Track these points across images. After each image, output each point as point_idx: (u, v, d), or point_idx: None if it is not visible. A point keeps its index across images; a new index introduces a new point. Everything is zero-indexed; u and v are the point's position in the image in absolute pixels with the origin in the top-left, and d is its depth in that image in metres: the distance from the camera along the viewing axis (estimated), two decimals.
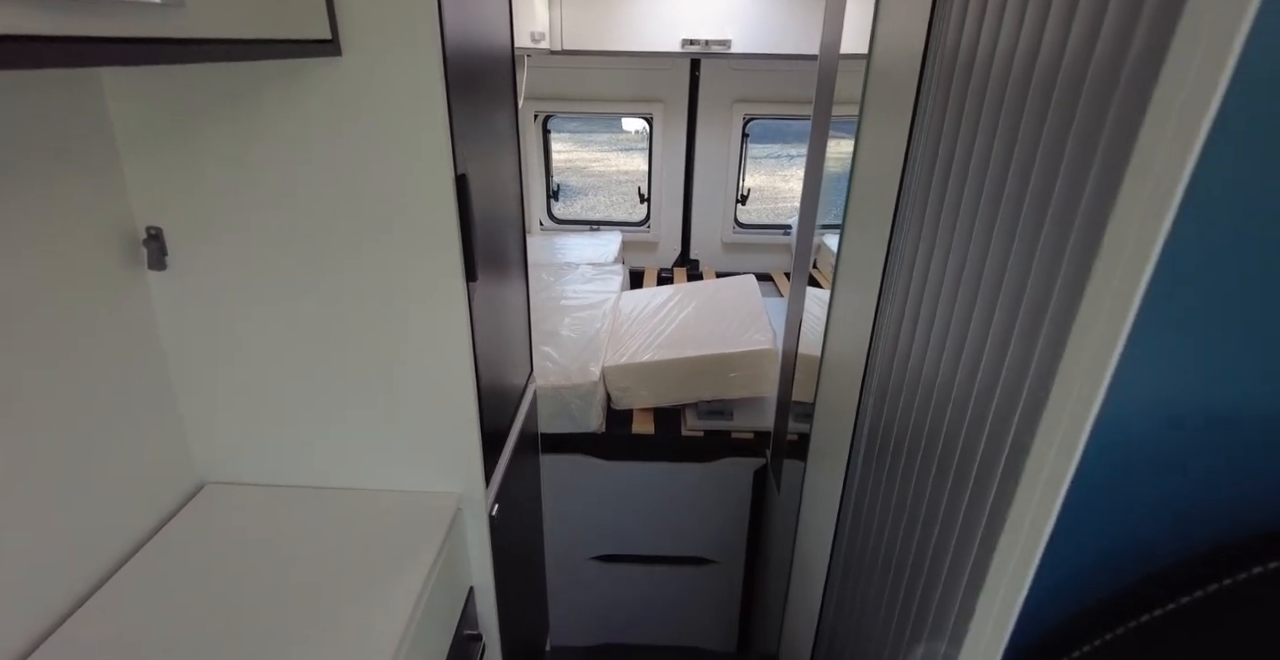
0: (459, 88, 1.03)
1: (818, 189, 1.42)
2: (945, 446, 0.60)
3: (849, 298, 1.08)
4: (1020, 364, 0.47)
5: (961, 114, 0.65)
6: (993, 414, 0.50)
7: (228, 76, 0.96)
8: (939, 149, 0.71)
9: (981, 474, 0.52)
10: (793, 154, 10.41)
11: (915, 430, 0.68)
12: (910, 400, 0.71)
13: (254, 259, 1.08)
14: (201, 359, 1.15)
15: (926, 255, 0.71)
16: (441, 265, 1.07)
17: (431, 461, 1.23)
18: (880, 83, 0.98)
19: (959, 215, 0.63)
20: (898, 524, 0.73)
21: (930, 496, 0.63)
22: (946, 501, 0.59)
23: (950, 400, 0.59)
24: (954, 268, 0.61)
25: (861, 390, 0.93)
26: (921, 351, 0.68)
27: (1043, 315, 0.44)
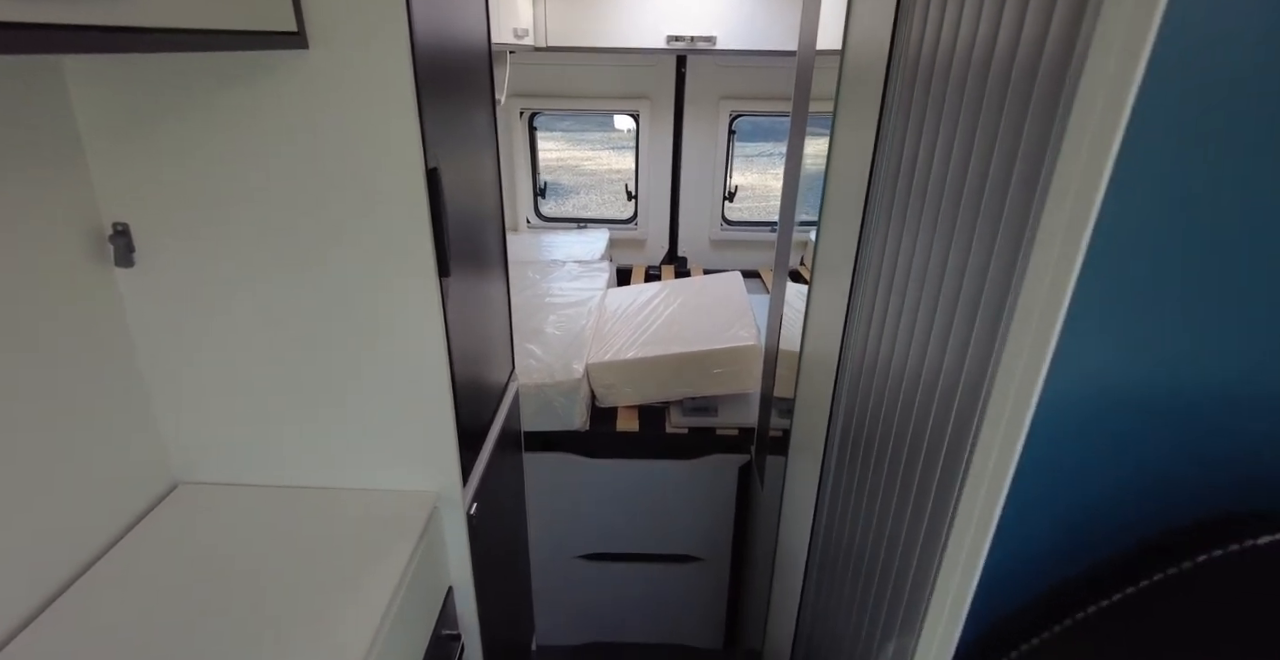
0: (430, 82, 1.02)
1: (796, 186, 1.42)
2: (909, 440, 0.59)
3: (825, 293, 1.08)
4: (967, 354, 0.46)
5: (923, 110, 0.65)
6: (946, 405, 0.50)
7: (195, 68, 0.95)
8: (903, 145, 0.71)
9: (936, 466, 0.51)
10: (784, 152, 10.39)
11: (882, 424, 0.68)
12: (876, 394, 0.71)
13: (224, 255, 1.06)
14: (173, 358, 1.14)
15: (892, 250, 0.71)
16: (414, 260, 1.06)
17: (407, 460, 1.22)
18: (852, 79, 0.98)
19: (919, 209, 0.63)
20: (868, 519, 0.73)
21: (897, 491, 0.63)
22: (911, 496, 0.58)
23: (911, 393, 0.58)
24: (917, 261, 0.61)
25: (835, 385, 0.93)
26: (888, 345, 0.68)
27: (991, 303, 0.43)
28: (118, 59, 0.95)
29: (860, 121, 0.92)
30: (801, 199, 1.57)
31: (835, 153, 1.09)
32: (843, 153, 1.03)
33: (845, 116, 1.03)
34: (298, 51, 0.93)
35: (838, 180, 1.06)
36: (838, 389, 0.92)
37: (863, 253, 0.82)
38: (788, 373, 1.47)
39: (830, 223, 1.09)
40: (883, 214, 0.76)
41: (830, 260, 1.06)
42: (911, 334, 0.57)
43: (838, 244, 1.00)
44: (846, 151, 0.99)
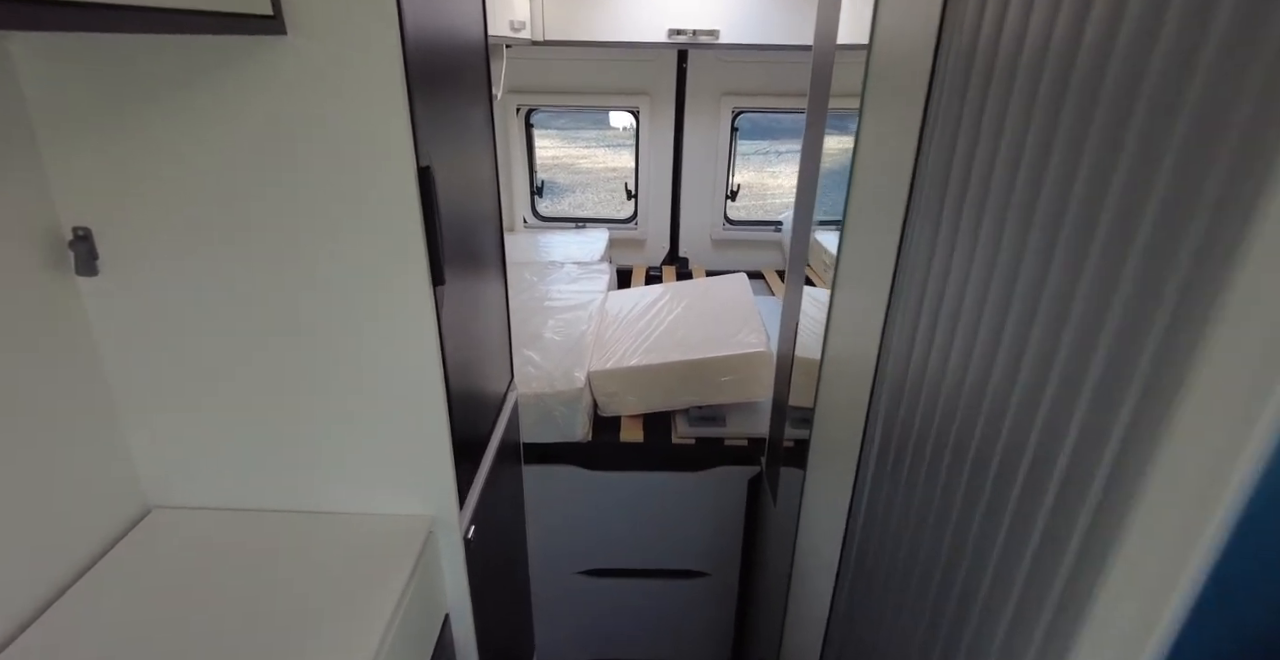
0: (422, 74, 0.93)
1: (814, 185, 1.34)
2: (1003, 461, 0.52)
3: (852, 298, 1.00)
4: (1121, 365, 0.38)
5: (983, 106, 0.58)
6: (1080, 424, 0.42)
7: (161, 55, 0.86)
8: (958, 143, 0.63)
9: (1067, 496, 0.44)
10: (781, 150, 10.35)
11: (954, 440, 0.61)
12: (943, 406, 0.63)
13: (198, 262, 0.97)
14: (143, 375, 1.05)
15: (950, 254, 0.63)
16: (405, 267, 0.97)
17: (400, 483, 1.14)
18: (883, 74, 0.91)
19: (992, 212, 0.55)
20: (934, 541, 0.65)
21: (982, 516, 0.55)
22: (1009, 525, 0.51)
23: (1007, 408, 0.51)
24: (1001, 267, 0.53)
25: (871, 395, 0.85)
26: (958, 355, 0.60)
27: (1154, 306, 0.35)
28: (72, 42, 0.85)
29: (895, 119, 0.85)
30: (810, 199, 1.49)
31: (862, 151, 1.01)
32: (872, 152, 0.95)
33: (874, 113, 0.95)
34: (275, 38, 0.84)
35: (866, 180, 0.98)
36: (875, 400, 0.85)
37: (905, 258, 0.74)
38: (805, 381, 1.39)
39: (858, 225, 1.01)
40: (931, 217, 0.68)
41: (858, 264, 0.98)
42: (1025, 346, 0.50)
43: (868, 247, 0.92)
44: (878, 150, 0.92)
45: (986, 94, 0.59)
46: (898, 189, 0.78)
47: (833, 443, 1.10)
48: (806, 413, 1.41)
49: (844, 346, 1.05)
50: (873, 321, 0.86)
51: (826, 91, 1.27)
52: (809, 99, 1.41)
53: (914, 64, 0.77)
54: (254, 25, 0.80)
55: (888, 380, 0.81)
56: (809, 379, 1.34)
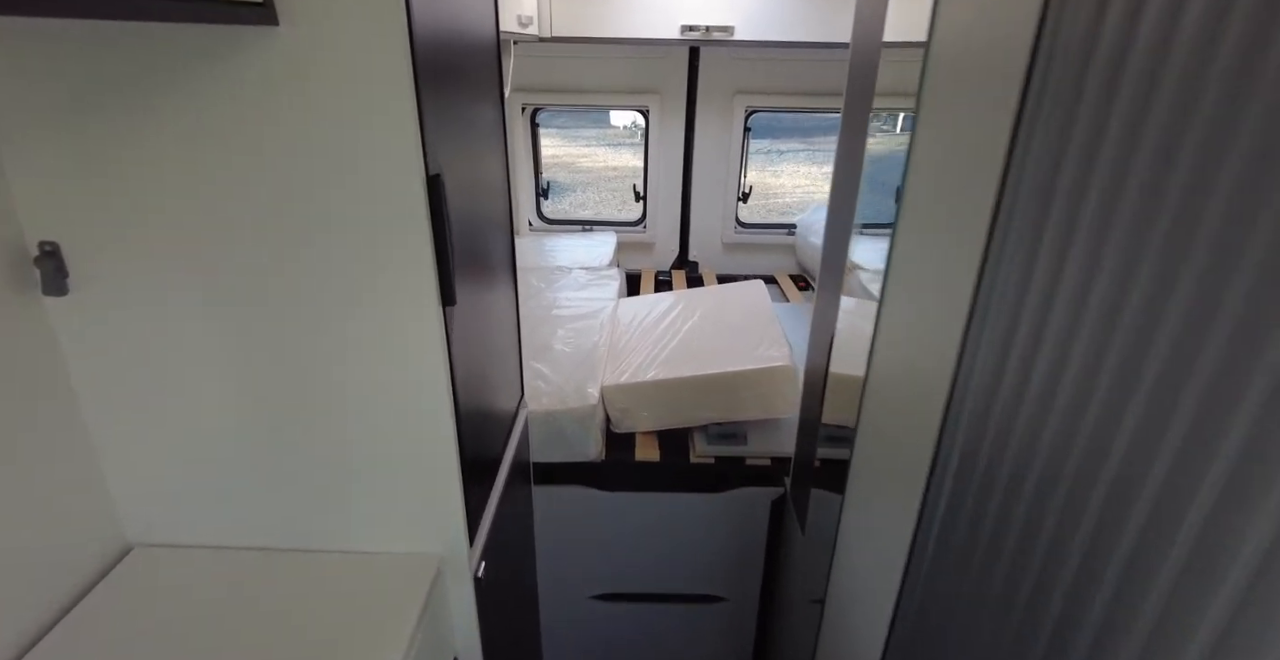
0: (432, 71, 0.83)
1: (854, 189, 1.24)
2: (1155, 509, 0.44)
3: (910, 310, 0.91)
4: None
5: (1109, 108, 0.50)
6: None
7: (137, 49, 0.76)
8: (1069, 149, 0.55)
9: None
10: (783, 150, 10.27)
11: (1078, 477, 0.52)
12: (1061, 437, 0.55)
13: (179, 280, 0.87)
14: (122, 401, 0.95)
15: (1061, 269, 0.55)
16: (412, 287, 0.87)
17: (405, 520, 1.04)
18: (950, 73, 0.82)
19: (1126, 227, 0.47)
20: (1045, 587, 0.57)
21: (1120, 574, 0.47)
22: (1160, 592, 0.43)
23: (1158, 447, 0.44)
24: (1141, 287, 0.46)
25: (945, 418, 0.77)
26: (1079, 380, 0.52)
27: None
28: (30, 33, 0.75)
29: (972, 121, 0.76)
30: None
31: (919, 154, 0.91)
32: (934, 154, 0.86)
33: (936, 114, 0.86)
34: (264, 29, 0.73)
35: (926, 184, 0.89)
36: (951, 423, 0.76)
37: (997, 269, 0.66)
38: (840, 398, 1.30)
39: (914, 231, 0.92)
40: (1030, 228, 0.59)
41: (919, 273, 0.88)
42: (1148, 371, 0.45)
43: (934, 256, 0.83)
44: (945, 152, 0.83)
45: (1113, 99, 0.50)
46: (979, 195, 0.69)
47: (885, 466, 1.00)
48: (842, 432, 1.31)
49: (899, 362, 0.96)
50: (945, 337, 0.77)
51: (869, 91, 1.17)
52: (845, 99, 1.32)
53: (999, 63, 0.68)
54: (239, 14, 0.70)
55: (972, 403, 0.73)
56: (846, 396, 1.24)
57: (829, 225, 1.42)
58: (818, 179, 9.02)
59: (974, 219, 0.70)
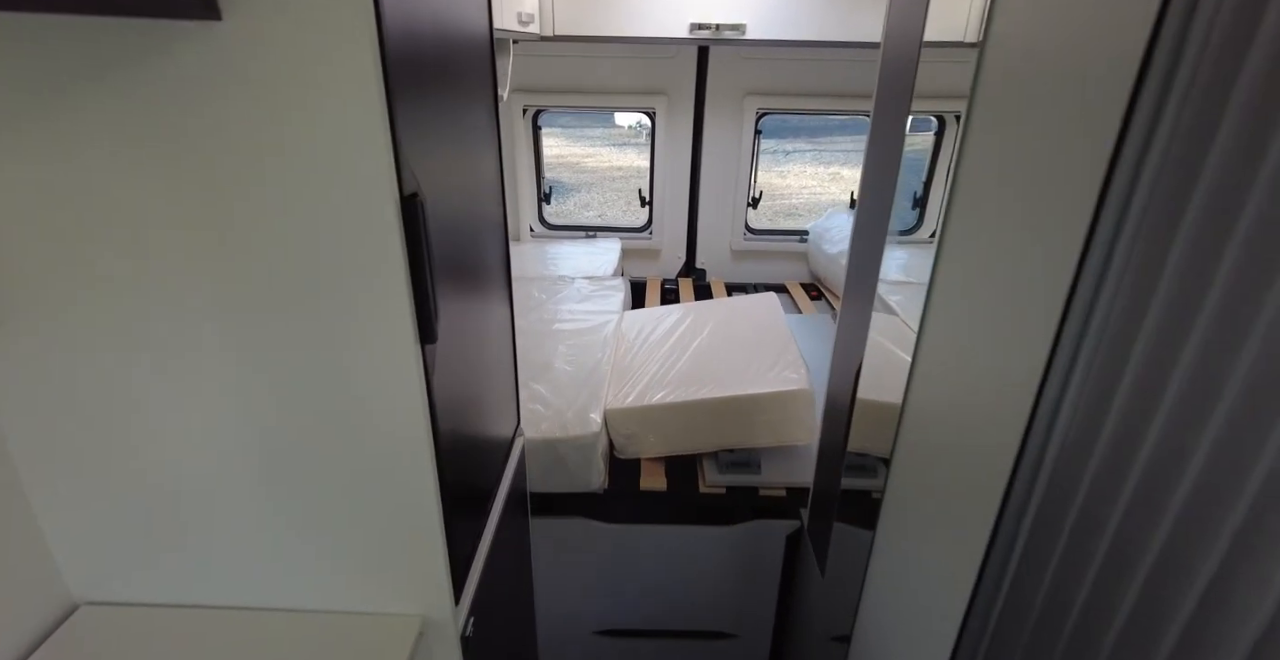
0: (409, 73, 0.71)
1: (889, 197, 1.13)
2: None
3: (966, 334, 0.80)
4: None
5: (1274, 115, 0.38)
6: None
7: (58, 47, 0.64)
8: (1204, 163, 0.43)
9: None
10: (789, 150, 10.16)
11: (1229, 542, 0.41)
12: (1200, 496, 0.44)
13: (115, 312, 0.76)
14: (58, 447, 0.85)
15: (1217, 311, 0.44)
16: (385, 323, 0.76)
17: (382, 577, 0.93)
18: (1022, 74, 0.73)
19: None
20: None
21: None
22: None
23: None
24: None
25: (1019, 460, 0.66)
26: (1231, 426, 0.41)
27: None
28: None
29: (1049, 127, 0.66)
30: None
31: (970, 160, 0.81)
32: (992, 161, 0.76)
33: (997, 118, 0.75)
34: (203, 24, 0.62)
35: (981, 193, 0.79)
36: (1024, 469, 0.66)
37: (1095, 299, 0.55)
38: (870, 426, 1.19)
39: (968, 246, 0.81)
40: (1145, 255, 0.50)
41: (976, 294, 0.78)
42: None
43: (999, 276, 0.73)
44: (1005, 161, 0.72)
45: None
46: (1069, 210, 0.58)
47: (933, 504, 0.90)
48: (863, 460, 1.20)
49: (951, 391, 0.85)
50: (1019, 368, 0.67)
51: (906, 93, 1.06)
52: (876, 101, 1.20)
53: (1093, 65, 0.57)
54: (174, 6, 0.58)
55: (1060, 450, 0.62)
56: (876, 424, 1.14)
57: (857, 235, 1.30)
58: (824, 180, 8.90)
59: (1061, 237, 0.59)
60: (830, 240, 2.80)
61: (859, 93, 2.76)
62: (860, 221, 1.30)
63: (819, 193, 8.19)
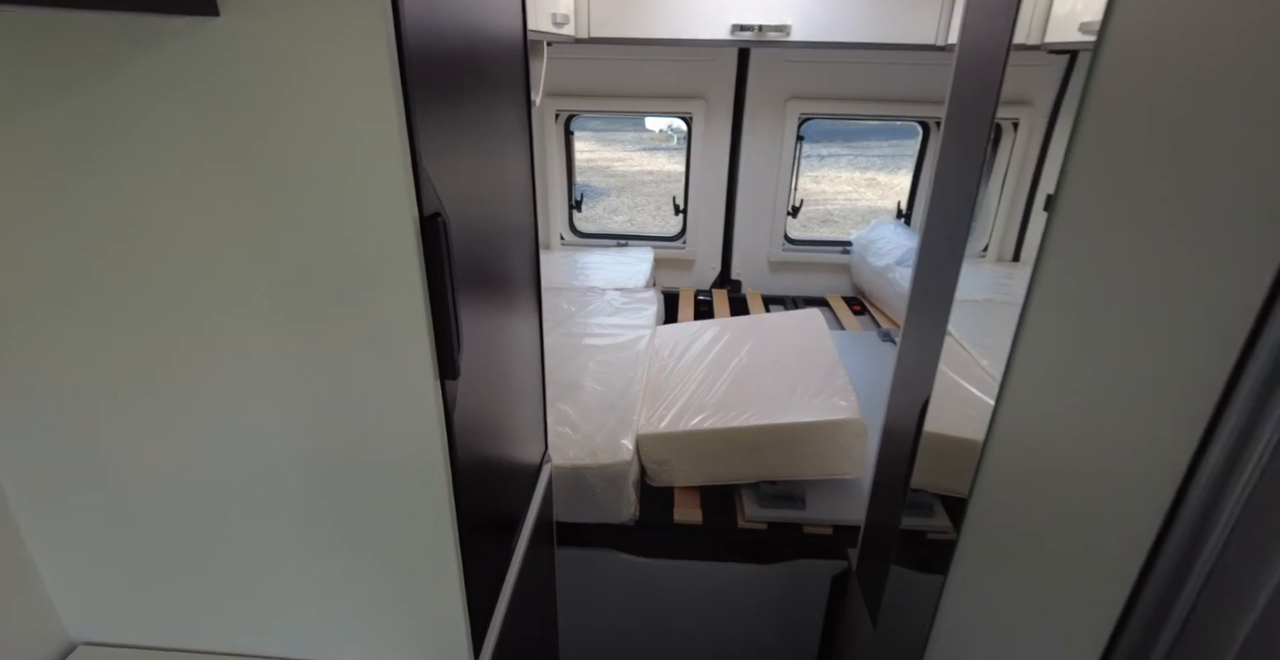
0: (434, 77, 0.62)
1: (967, 211, 1.01)
2: None
3: (1082, 367, 0.69)
4: None
5: None
6: None
7: (29, 42, 0.57)
8: None
9: None
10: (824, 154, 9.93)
11: None
12: None
13: (114, 337, 0.69)
14: (52, 483, 0.79)
15: None
16: (401, 356, 0.67)
17: (394, 628, 0.85)
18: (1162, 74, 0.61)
19: None
20: None
21: None
22: None
23: None
24: None
25: (1172, 519, 0.54)
26: None
27: None
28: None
29: (1203, 132, 0.54)
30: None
31: (1079, 165, 0.70)
32: (1119, 169, 0.65)
33: (1121, 123, 0.64)
34: (199, 20, 0.54)
35: (1101, 204, 0.68)
36: (1179, 530, 0.54)
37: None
38: (938, 463, 1.07)
39: (1080, 265, 0.71)
40: None
41: (1096, 320, 0.68)
42: None
43: (1130, 302, 0.63)
44: (1138, 169, 0.61)
45: None
46: (1247, 231, 0.46)
47: (1031, 556, 0.79)
48: (919, 497, 1.09)
49: (1060, 432, 0.74)
50: (1166, 412, 0.56)
51: (989, 98, 0.94)
52: (948, 108, 1.08)
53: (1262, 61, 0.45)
54: (163, 1, 0.50)
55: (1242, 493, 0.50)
56: (943, 459, 1.03)
57: (925, 253, 1.18)
58: (860, 186, 8.68)
59: (1235, 262, 0.47)
60: (876, 253, 2.66)
61: (908, 97, 2.62)
62: (928, 238, 1.18)
63: (855, 198, 7.98)
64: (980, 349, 1.01)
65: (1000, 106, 0.95)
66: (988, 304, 1.04)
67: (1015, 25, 0.89)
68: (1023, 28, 0.89)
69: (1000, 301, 0.92)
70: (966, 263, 1.03)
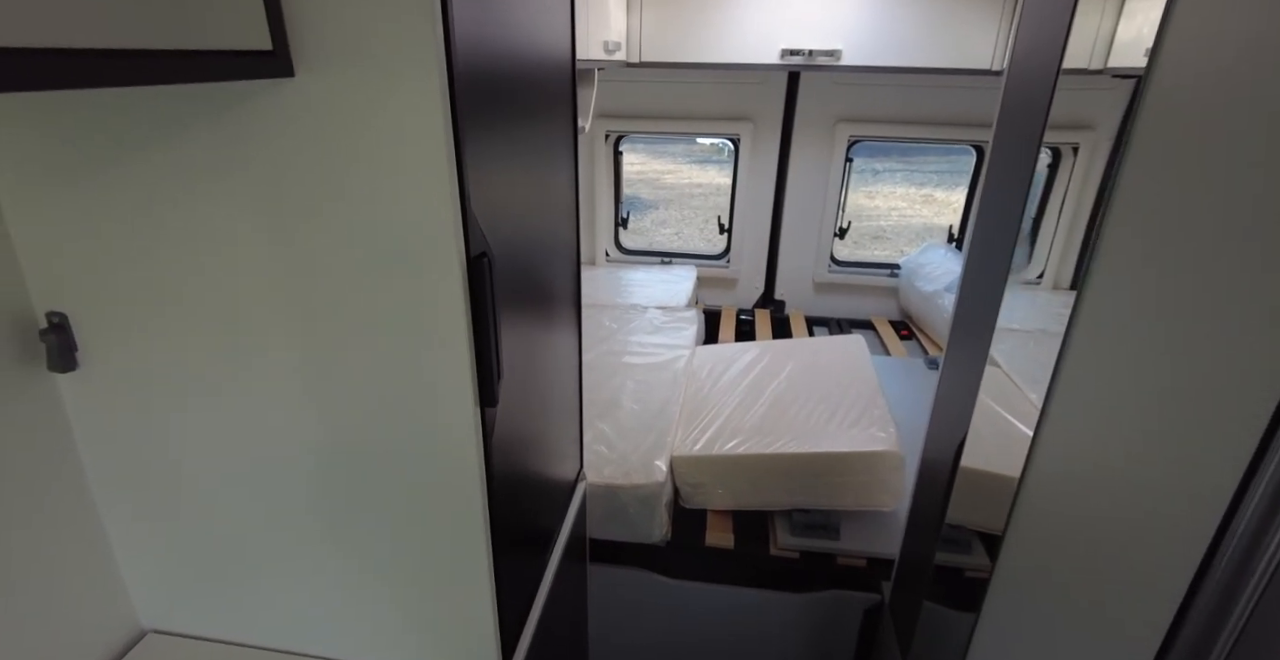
0: (482, 122, 0.67)
1: (1010, 237, 1.00)
2: None
3: (1123, 404, 0.68)
4: None
5: None
6: None
7: (142, 108, 0.64)
8: None
9: None
10: (878, 169, 9.74)
11: None
12: None
13: (192, 356, 0.76)
14: (134, 483, 0.87)
15: None
16: (443, 382, 0.71)
17: (426, 637, 0.90)
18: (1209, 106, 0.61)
19: None
20: None
21: None
22: None
23: None
24: None
25: (1208, 567, 0.53)
26: None
27: None
28: (34, 96, 0.65)
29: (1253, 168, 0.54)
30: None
31: (1125, 199, 0.70)
32: (1164, 203, 0.65)
33: (1170, 155, 0.64)
34: (277, 81, 0.60)
35: (1144, 238, 0.68)
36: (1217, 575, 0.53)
37: None
38: (974, 498, 1.06)
39: (1122, 298, 0.70)
40: None
41: (1137, 358, 0.67)
42: None
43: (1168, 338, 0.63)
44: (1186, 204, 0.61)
45: None
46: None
47: (1063, 596, 0.77)
48: (957, 533, 1.06)
49: (1098, 471, 0.73)
50: (1203, 456, 0.55)
51: (1037, 123, 0.93)
52: (996, 131, 1.08)
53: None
54: (248, 66, 0.56)
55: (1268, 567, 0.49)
56: (983, 494, 1.01)
57: (967, 281, 1.16)
58: (916, 202, 8.46)
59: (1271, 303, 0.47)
60: (925, 277, 2.61)
61: (960, 120, 2.57)
62: (971, 263, 1.17)
63: (909, 215, 7.79)
64: (1030, 383, 0.99)
65: (1060, 131, 0.94)
66: (1040, 334, 1.02)
67: (1066, 51, 0.88)
68: (1085, 52, 0.88)
69: (1054, 332, 0.91)
70: (1021, 291, 1.01)
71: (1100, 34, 0.87)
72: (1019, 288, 1.01)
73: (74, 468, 0.85)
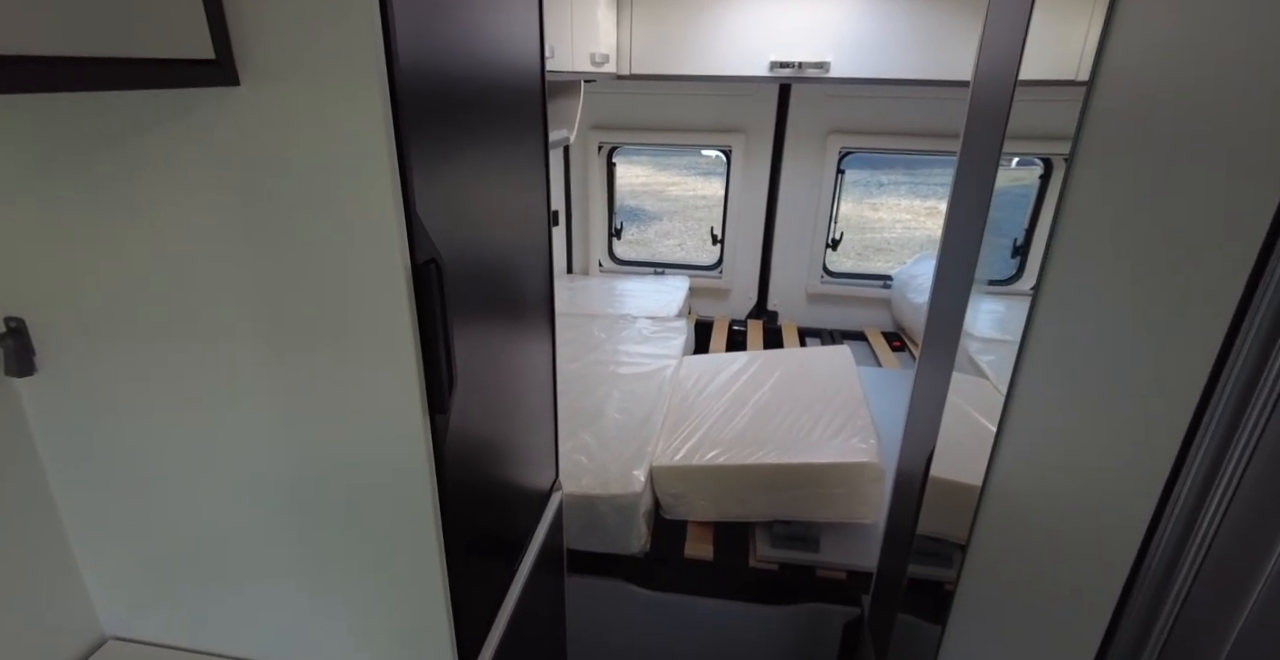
0: (430, 130, 0.67)
1: (975, 243, 0.99)
2: None
3: (1067, 407, 0.68)
4: None
5: None
6: None
7: (91, 113, 0.65)
8: None
9: None
10: (883, 181, 9.74)
11: None
12: None
13: (148, 361, 0.77)
14: (96, 487, 0.88)
15: None
16: (390, 388, 0.71)
17: (381, 642, 0.89)
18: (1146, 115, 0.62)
19: None
20: None
21: None
22: None
23: None
24: None
25: (1139, 568, 0.52)
26: None
27: None
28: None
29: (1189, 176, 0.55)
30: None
31: (1073, 206, 0.70)
32: (1107, 210, 0.65)
33: (1111, 163, 0.65)
34: (223, 90, 0.61)
35: (1091, 243, 0.68)
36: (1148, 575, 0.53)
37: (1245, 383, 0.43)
38: (943, 509, 1.04)
39: (1070, 302, 0.70)
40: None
41: (1082, 359, 0.66)
42: None
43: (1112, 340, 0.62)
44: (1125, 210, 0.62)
45: None
46: (1216, 274, 0.46)
47: (1017, 603, 0.76)
48: (936, 546, 1.05)
49: (1046, 474, 0.73)
50: (1139, 454, 0.55)
51: (997, 133, 0.93)
52: (963, 141, 1.08)
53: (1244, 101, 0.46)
54: (192, 74, 0.57)
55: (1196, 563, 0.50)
56: (950, 504, 1.00)
57: (938, 285, 1.16)
58: (920, 215, 8.45)
59: (1204, 305, 0.47)
60: (916, 289, 2.60)
61: (950, 132, 2.58)
62: (943, 269, 1.16)
63: (913, 228, 7.77)
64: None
65: (1051, 142, 0.94)
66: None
67: (1021, 63, 0.89)
68: (1073, 64, 0.89)
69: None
70: (1016, 301, 1.01)
71: (1088, 47, 0.87)
72: (1013, 298, 1.01)
73: (35, 472, 0.85)
